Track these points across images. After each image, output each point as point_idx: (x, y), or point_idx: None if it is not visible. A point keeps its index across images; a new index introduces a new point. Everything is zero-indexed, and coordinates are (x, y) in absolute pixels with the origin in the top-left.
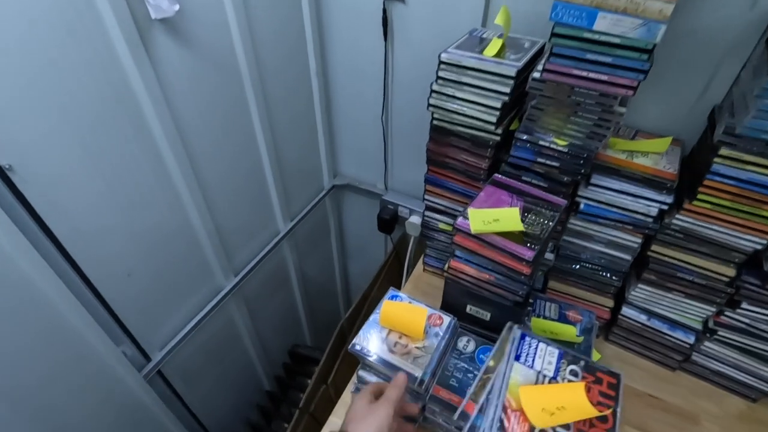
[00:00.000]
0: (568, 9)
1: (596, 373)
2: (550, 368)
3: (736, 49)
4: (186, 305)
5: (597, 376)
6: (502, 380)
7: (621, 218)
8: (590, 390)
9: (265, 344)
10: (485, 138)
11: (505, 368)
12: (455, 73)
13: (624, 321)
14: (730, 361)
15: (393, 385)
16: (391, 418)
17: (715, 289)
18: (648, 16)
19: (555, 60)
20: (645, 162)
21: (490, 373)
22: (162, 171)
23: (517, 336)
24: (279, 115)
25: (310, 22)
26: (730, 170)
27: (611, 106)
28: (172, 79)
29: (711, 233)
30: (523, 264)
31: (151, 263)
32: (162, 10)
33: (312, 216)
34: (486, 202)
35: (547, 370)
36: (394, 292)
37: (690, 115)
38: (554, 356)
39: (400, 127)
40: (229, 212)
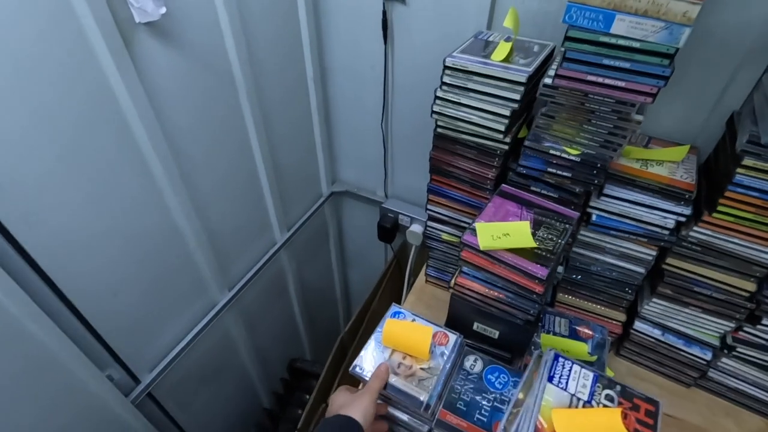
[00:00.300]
0: (583, 11)
1: (633, 399)
2: (585, 391)
3: (758, 52)
4: (178, 322)
5: (634, 402)
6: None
7: (635, 230)
8: (627, 417)
9: (264, 359)
10: (493, 147)
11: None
12: (461, 79)
13: (637, 336)
14: (749, 378)
15: (375, 376)
16: (374, 406)
17: (735, 304)
18: (671, 18)
19: (568, 65)
20: (660, 171)
21: (519, 406)
22: (149, 182)
23: (550, 357)
24: (275, 120)
25: (307, 24)
26: (754, 182)
27: (628, 114)
28: (159, 86)
29: (731, 246)
30: (535, 282)
31: (139, 281)
32: (147, 13)
33: (310, 224)
34: (495, 216)
35: (581, 393)
36: (396, 308)
37: (707, 121)
38: (589, 379)
39: (401, 133)
40: (223, 224)
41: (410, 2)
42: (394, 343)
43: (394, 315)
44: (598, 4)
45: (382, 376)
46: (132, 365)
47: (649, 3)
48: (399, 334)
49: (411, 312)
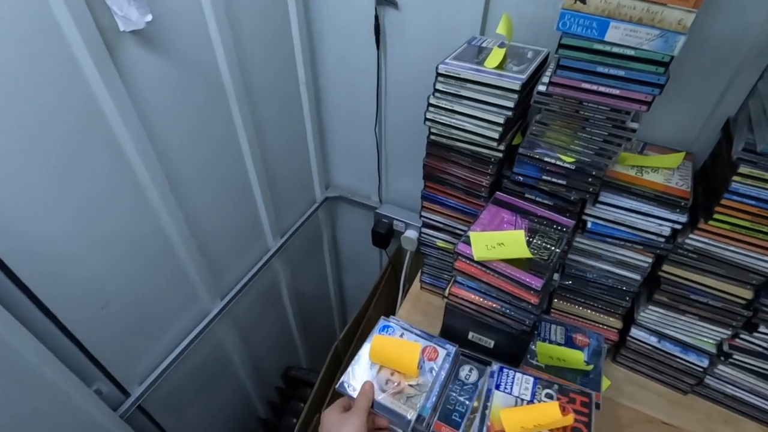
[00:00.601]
0: (577, 18)
1: (569, 394)
2: (527, 393)
3: (754, 58)
4: (169, 333)
5: (570, 396)
6: (483, 408)
7: (631, 237)
8: (565, 409)
9: (258, 368)
10: (487, 154)
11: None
12: (454, 86)
13: (633, 343)
14: (746, 385)
15: (361, 394)
16: (365, 427)
17: (731, 311)
18: (666, 26)
19: (562, 72)
20: (656, 178)
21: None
22: (136, 191)
23: (496, 369)
24: (266, 127)
25: (298, 28)
26: (751, 189)
27: (623, 122)
28: (147, 95)
29: (728, 254)
30: (531, 293)
31: (128, 292)
32: (131, 22)
33: (304, 230)
34: (489, 224)
35: (524, 394)
36: (385, 322)
37: (703, 127)
38: (530, 383)
39: (395, 138)
40: (215, 232)
41: (403, 7)
42: (382, 359)
43: (383, 329)
44: (592, 11)
45: (368, 394)
46: (121, 378)
47: (643, 11)
48: (386, 350)
49: (400, 325)
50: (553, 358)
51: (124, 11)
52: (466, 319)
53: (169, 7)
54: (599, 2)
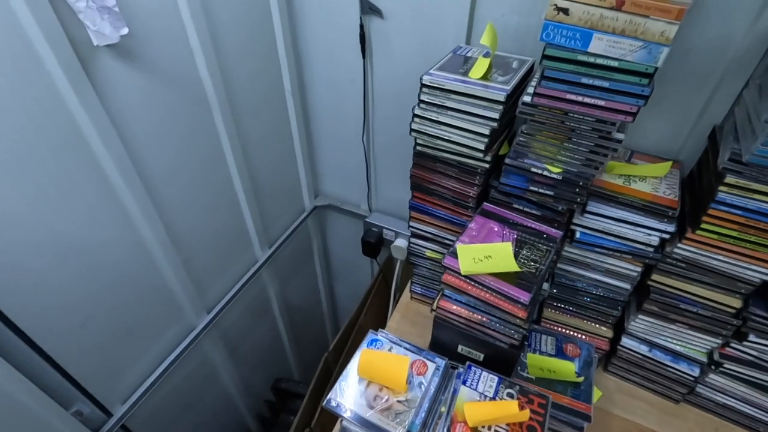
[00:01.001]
0: (561, 29)
1: (529, 395)
2: (491, 391)
3: (738, 67)
4: (153, 350)
5: (529, 397)
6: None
7: (619, 247)
8: (523, 408)
9: (247, 382)
10: (473, 165)
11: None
12: (439, 97)
13: (624, 352)
14: (737, 394)
15: None
16: None
17: (721, 320)
18: (649, 38)
19: (547, 84)
20: (643, 187)
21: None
22: (115, 206)
23: (464, 367)
24: (252, 136)
25: (283, 39)
26: (737, 199)
27: (609, 133)
28: (125, 109)
29: (716, 263)
30: (518, 307)
31: (108, 310)
32: (105, 36)
33: (293, 239)
34: (477, 236)
35: (488, 392)
36: (374, 336)
37: (690, 135)
38: (494, 382)
39: (383, 146)
40: (199, 245)
41: (388, 16)
42: (370, 374)
43: (372, 343)
44: (575, 22)
45: None
46: (102, 398)
47: (626, 22)
48: (375, 365)
49: (389, 338)
50: (544, 369)
51: (97, 26)
52: (455, 332)
53: (147, 20)
54: (582, 13)
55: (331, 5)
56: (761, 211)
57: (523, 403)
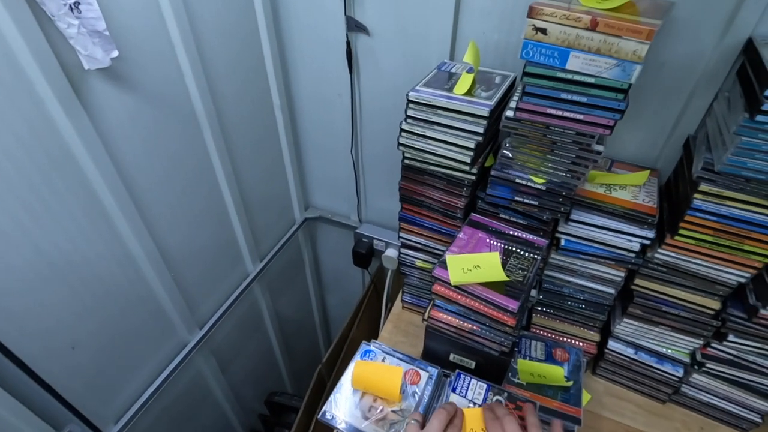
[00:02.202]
0: (539, 48)
1: (516, 402)
2: (479, 398)
3: (708, 80)
4: (145, 368)
5: (517, 404)
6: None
7: (603, 253)
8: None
9: (240, 396)
10: (460, 177)
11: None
12: (425, 113)
13: (611, 355)
14: (720, 392)
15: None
16: None
17: (701, 322)
18: (622, 56)
19: (528, 99)
20: (624, 195)
21: None
22: (105, 224)
23: (454, 375)
24: (242, 153)
25: (271, 55)
26: (711, 206)
27: (589, 145)
28: (115, 130)
29: (694, 267)
30: (507, 315)
31: (99, 329)
32: (96, 60)
33: (284, 252)
34: (466, 246)
35: (477, 399)
36: (367, 347)
37: (665, 145)
38: (483, 389)
39: (372, 158)
40: (191, 262)
41: (374, 33)
42: (364, 385)
43: (365, 354)
44: (553, 41)
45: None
46: (95, 419)
47: (601, 42)
48: (368, 376)
49: (382, 349)
50: (534, 375)
51: (88, 50)
52: (446, 341)
53: (136, 42)
54: (559, 33)
55: (318, 23)
56: (734, 216)
57: (511, 409)
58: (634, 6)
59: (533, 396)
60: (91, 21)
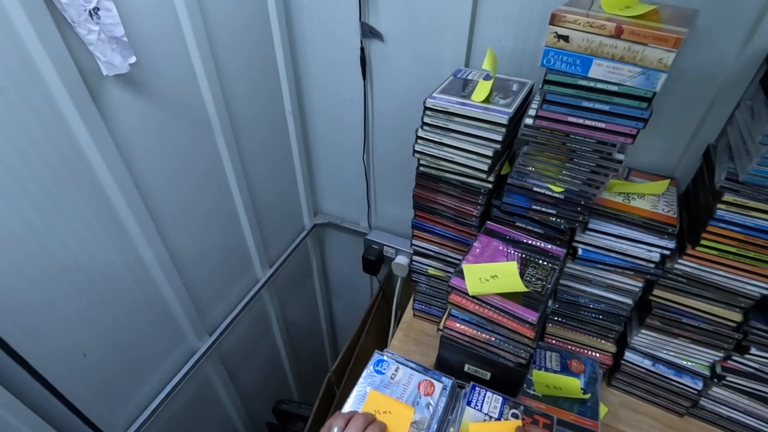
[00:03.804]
0: (561, 56)
1: (533, 416)
2: (495, 411)
3: (729, 88)
4: (154, 375)
5: (534, 417)
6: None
7: (621, 263)
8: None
9: (248, 404)
10: (476, 185)
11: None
12: (442, 120)
13: (627, 367)
14: (740, 406)
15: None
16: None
17: (722, 334)
18: (647, 65)
19: (548, 107)
20: (643, 205)
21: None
22: (120, 233)
23: (469, 387)
24: (253, 158)
25: (284, 59)
26: (735, 216)
27: (610, 154)
28: (130, 136)
29: (716, 278)
30: (526, 326)
31: (111, 337)
32: (114, 67)
33: (293, 258)
34: (482, 255)
35: (492, 412)
36: (379, 356)
37: (684, 154)
38: (499, 402)
39: (383, 165)
40: (200, 266)
41: (388, 39)
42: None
43: (377, 363)
44: (575, 49)
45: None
46: (104, 427)
47: (625, 49)
48: (379, 408)
49: (395, 359)
50: (550, 386)
51: (107, 57)
52: (461, 351)
53: (153, 48)
54: (582, 41)
55: (331, 28)
56: (759, 227)
57: (528, 423)
58: (658, 14)
59: (549, 409)
60: (109, 27)
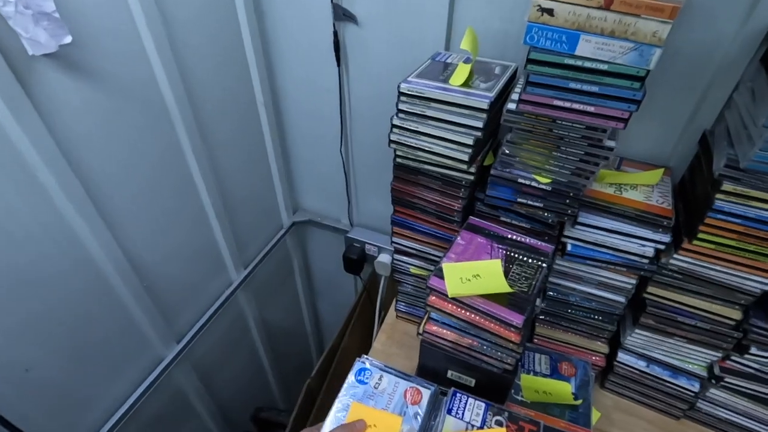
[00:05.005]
0: (545, 31)
1: (519, 422)
2: (478, 419)
3: (727, 69)
4: (115, 386)
5: (519, 424)
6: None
7: (613, 259)
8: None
9: (225, 413)
10: (457, 177)
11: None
12: (418, 106)
13: (621, 368)
14: (739, 408)
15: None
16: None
17: (721, 333)
18: (640, 39)
19: (532, 89)
20: (636, 196)
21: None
22: (62, 232)
23: (450, 393)
24: (222, 151)
25: (252, 45)
26: (735, 207)
27: (600, 140)
28: (71, 124)
29: (714, 274)
30: (511, 330)
31: (59, 349)
32: (40, 45)
33: (272, 258)
34: (464, 253)
35: (475, 420)
36: (361, 365)
37: (679, 141)
38: (482, 409)
39: (363, 157)
40: (164, 269)
41: (363, 22)
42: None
43: (359, 372)
44: (560, 24)
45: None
46: None
47: (615, 22)
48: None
49: (378, 366)
50: (539, 392)
51: (30, 33)
52: (443, 356)
53: (94, 24)
54: (568, 14)
55: (304, 11)
56: (761, 219)
57: (512, 431)
58: None
59: (538, 415)
60: (36, 1)
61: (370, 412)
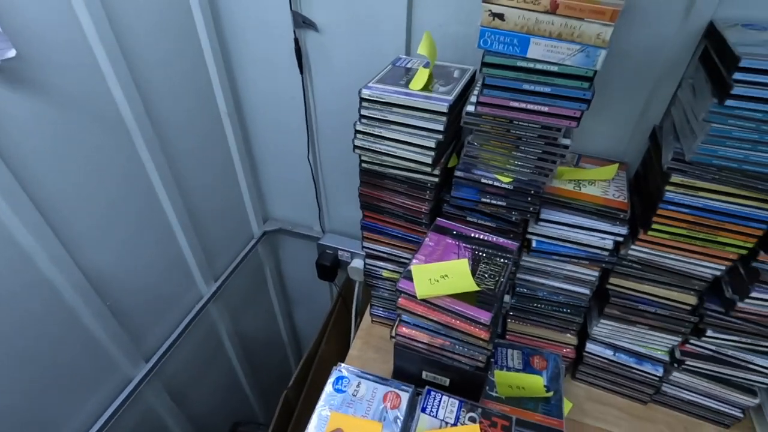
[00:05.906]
0: (497, 35)
1: (492, 418)
2: (452, 416)
3: (671, 67)
4: (82, 411)
5: (492, 420)
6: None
7: (576, 253)
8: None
9: (203, 429)
10: (422, 180)
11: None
12: (380, 111)
13: (590, 358)
14: (701, 389)
15: None
16: None
17: (679, 318)
18: (585, 41)
19: (489, 92)
20: (593, 191)
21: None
22: (12, 251)
23: (424, 392)
24: (185, 163)
25: (213, 57)
26: (684, 198)
27: (555, 139)
28: (18, 141)
29: (669, 262)
30: (480, 328)
31: (19, 373)
32: None
33: (243, 269)
34: (433, 254)
35: (449, 417)
36: (338, 373)
37: (632, 137)
38: (455, 406)
39: (330, 163)
40: (130, 288)
41: (323, 29)
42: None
43: (337, 381)
44: (511, 27)
45: None
46: None
47: (562, 26)
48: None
49: (355, 373)
50: (513, 387)
51: None
52: (417, 358)
53: (41, 39)
54: (518, 18)
55: (262, 19)
56: (708, 208)
57: (485, 426)
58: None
59: (513, 410)
60: None
61: (350, 420)
